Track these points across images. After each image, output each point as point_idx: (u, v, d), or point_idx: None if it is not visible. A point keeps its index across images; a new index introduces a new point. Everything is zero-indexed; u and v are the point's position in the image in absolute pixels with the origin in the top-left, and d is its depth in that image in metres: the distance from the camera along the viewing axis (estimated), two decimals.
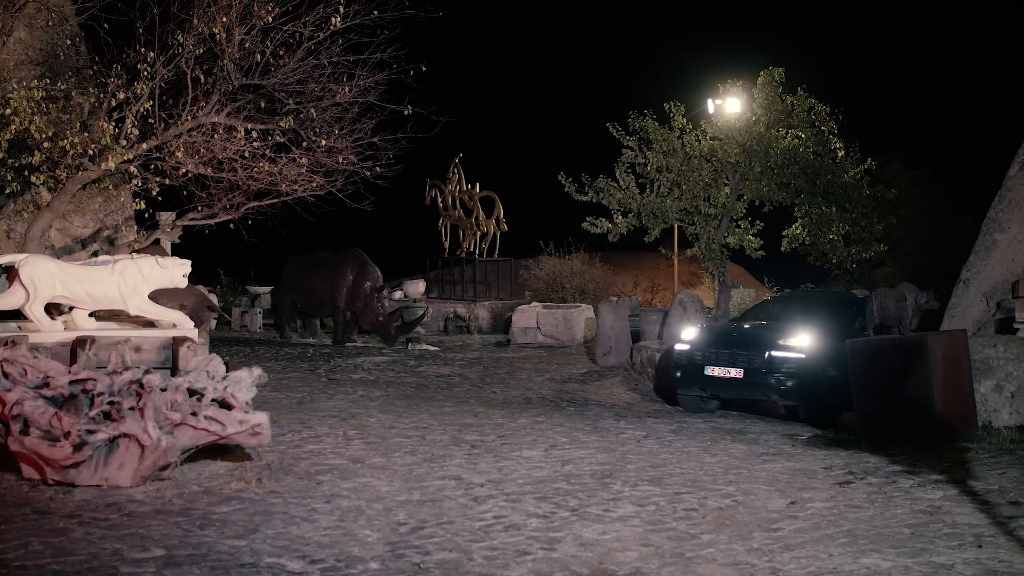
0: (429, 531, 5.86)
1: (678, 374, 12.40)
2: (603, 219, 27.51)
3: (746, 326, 13.16)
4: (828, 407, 11.70)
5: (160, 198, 12.10)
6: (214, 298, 17.76)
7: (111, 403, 6.51)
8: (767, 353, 11.77)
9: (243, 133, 11.56)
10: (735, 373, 11.89)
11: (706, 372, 12.07)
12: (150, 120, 11.25)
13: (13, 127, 10.40)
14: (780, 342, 11.87)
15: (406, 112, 12.46)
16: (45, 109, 10.65)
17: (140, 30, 11.23)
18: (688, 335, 12.72)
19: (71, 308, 9.04)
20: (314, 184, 12.29)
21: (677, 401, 12.69)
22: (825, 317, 12.84)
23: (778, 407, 12.59)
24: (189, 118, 11.22)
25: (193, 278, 9.97)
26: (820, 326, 12.28)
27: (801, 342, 11.80)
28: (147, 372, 6.73)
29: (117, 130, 11.00)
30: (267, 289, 23.60)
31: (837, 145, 27.16)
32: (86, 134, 10.83)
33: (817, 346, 11.78)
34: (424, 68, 12.38)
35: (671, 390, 12.91)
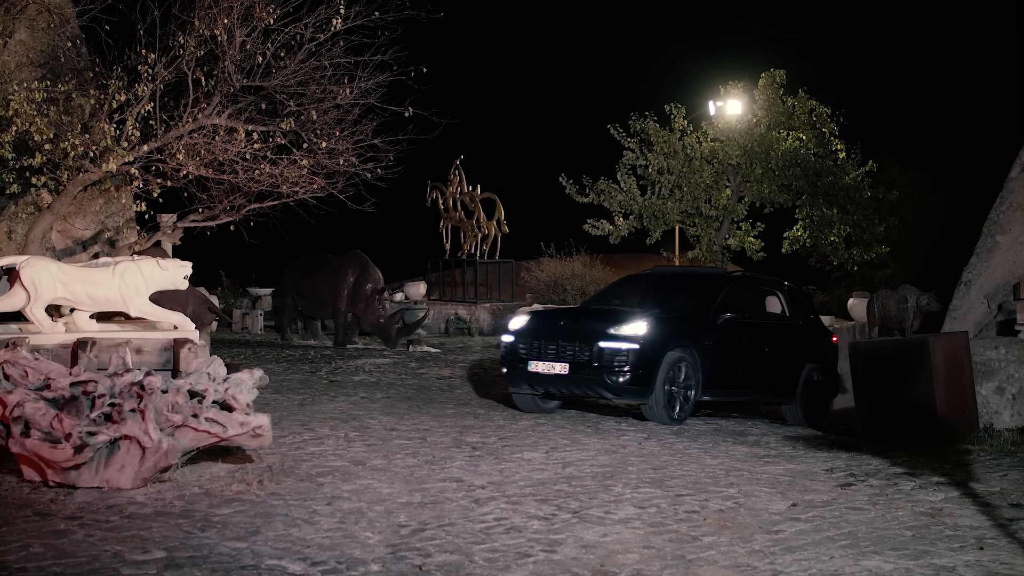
0: (430, 533, 5.85)
1: (504, 370, 11.01)
2: (604, 221, 27.60)
3: (579, 312, 11.85)
4: (676, 401, 10.55)
5: (161, 200, 12.10)
6: (215, 300, 17.78)
7: (112, 405, 6.50)
8: (595, 344, 10.32)
9: (244, 135, 11.57)
10: (560, 368, 10.43)
11: (530, 368, 10.63)
12: (151, 122, 11.26)
13: (14, 129, 10.41)
14: (611, 331, 10.39)
15: (407, 114, 12.47)
16: (46, 111, 10.66)
17: (141, 32, 11.24)
18: (515, 324, 11.20)
19: (72, 310, 9.04)
20: (315, 186, 12.29)
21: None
22: (680, 298, 11.53)
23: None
24: (190, 120, 11.23)
25: (194, 280, 9.97)
26: (668, 309, 10.98)
27: (636, 330, 10.32)
28: (148, 374, 6.72)
29: (118, 132, 11.01)
30: (268, 291, 23.62)
31: (838, 147, 27.25)
32: (87, 136, 10.84)
33: (657, 333, 10.38)
34: (425, 70, 12.41)
35: None
